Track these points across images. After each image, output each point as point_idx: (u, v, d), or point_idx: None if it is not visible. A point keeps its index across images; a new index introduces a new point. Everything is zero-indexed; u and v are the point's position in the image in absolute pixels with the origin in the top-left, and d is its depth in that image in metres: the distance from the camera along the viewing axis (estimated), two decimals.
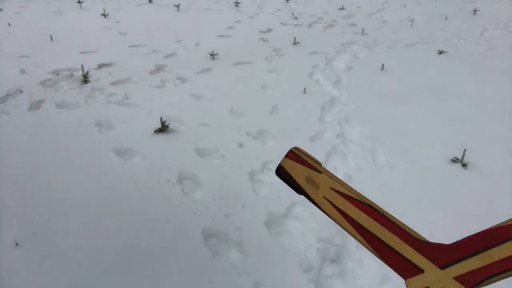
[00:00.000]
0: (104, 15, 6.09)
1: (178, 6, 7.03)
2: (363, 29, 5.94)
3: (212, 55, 4.49)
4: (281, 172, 0.51)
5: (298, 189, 0.49)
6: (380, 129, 2.99)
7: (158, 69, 4.07)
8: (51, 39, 4.77)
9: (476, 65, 4.48)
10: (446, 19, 7.00)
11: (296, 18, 6.73)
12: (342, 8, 7.63)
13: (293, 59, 4.62)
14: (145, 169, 2.44)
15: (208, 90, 3.59)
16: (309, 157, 0.50)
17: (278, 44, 5.18)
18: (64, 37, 4.94)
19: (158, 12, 6.85)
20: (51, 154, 2.53)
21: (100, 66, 4.04)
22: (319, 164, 0.49)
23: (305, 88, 3.62)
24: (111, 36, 5.17)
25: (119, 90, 3.47)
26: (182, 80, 3.83)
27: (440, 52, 4.86)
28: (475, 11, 7.63)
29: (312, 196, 0.47)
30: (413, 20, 6.74)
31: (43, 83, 3.56)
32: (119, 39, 5.03)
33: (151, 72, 3.96)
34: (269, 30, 5.92)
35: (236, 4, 7.60)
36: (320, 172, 0.47)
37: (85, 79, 3.62)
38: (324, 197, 0.46)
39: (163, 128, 2.80)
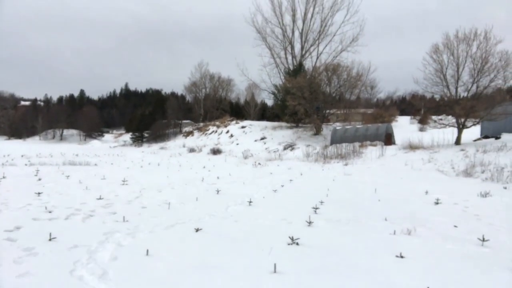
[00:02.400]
0: None
1: None
2: (123, 216, 6.16)
3: None
4: None
5: None
6: None
7: None
8: None
9: (228, 237, 5.29)
10: (197, 200, 8.18)
11: (50, 212, 6.35)
12: (100, 198, 7.78)
13: (49, 257, 4.19)
14: None
15: None
16: None
17: (30, 242, 4.65)
18: None
19: None
20: None
21: None
22: None
23: None
24: None
25: None
26: None
27: (197, 230, 5.52)
28: (218, 191, 9.27)
29: None
30: (169, 203, 7.54)
31: None
32: None
33: None
34: (18, 228, 5.31)
35: None
36: None
37: None
38: None
39: None
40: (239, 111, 63.20)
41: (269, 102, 60.80)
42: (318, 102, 33.73)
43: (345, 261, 4.42)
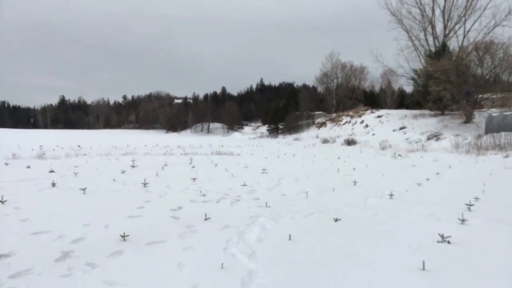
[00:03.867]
0: (2, 202, 5.76)
1: (84, 189, 7.03)
2: (266, 202, 6.57)
3: (123, 236, 4.42)
4: None
5: None
6: None
7: (65, 255, 3.81)
8: None
9: (368, 229, 5.14)
10: (333, 190, 8.16)
11: (204, 195, 7.19)
12: (244, 185, 8.44)
13: (206, 234, 4.77)
14: None
15: (120, 275, 3.42)
16: None
17: (190, 220, 5.36)
18: None
19: (63, 195, 6.72)
20: None
21: None
22: None
23: (222, 264, 3.69)
24: (9, 224, 4.82)
25: (19, 283, 3.10)
26: (92, 265, 3.61)
27: (336, 220, 5.51)
28: (355, 182, 9.08)
29: None
30: (307, 192, 7.71)
31: None
32: (19, 227, 4.71)
33: (57, 260, 3.68)
34: (180, 208, 6.16)
35: (144, 184, 7.91)
36: None
37: None
38: None
39: None
40: (374, 99, 60.14)
41: (408, 88, 56.33)
42: (467, 86, 29.66)
43: (506, 264, 3.83)
